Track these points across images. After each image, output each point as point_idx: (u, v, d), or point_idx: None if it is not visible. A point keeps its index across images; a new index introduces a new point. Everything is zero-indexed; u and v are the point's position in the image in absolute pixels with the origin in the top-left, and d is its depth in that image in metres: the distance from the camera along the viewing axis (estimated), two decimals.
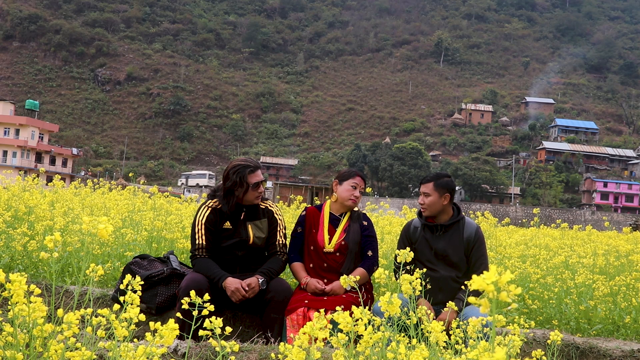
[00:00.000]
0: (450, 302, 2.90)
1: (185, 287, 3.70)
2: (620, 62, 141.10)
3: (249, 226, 4.06)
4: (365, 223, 4.32)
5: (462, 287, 4.02)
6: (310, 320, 3.61)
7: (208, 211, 4.05)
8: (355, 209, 4.35)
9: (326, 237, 4.21)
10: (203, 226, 4.01)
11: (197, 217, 4.05)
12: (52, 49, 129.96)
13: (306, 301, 3.89)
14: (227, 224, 4.04)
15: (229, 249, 4.04)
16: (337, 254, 4.18)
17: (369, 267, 4.16)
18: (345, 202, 4.27)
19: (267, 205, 4.21)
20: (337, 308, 2.05)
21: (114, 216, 6.34)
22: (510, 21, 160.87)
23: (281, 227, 4.18)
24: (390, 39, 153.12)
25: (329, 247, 4.18)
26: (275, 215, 4.18)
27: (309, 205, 4.55)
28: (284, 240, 4.18)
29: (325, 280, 4.09)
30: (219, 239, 4.05)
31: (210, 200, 4.12)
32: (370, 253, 4.22)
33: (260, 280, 3.89)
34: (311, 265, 4.19)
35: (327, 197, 4.54)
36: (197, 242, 3.98)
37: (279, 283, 3.97)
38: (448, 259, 4.09)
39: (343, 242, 4.19)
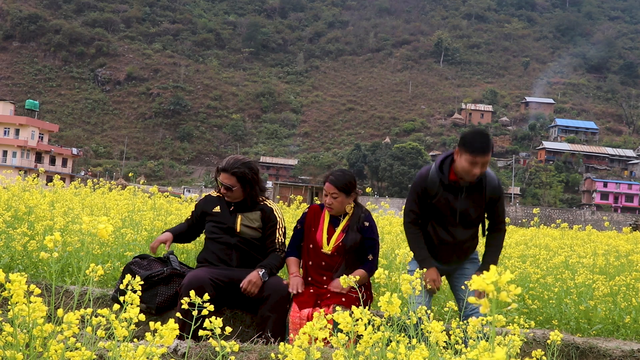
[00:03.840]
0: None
1: (187, 285, 3.75)
2: (620, 62, 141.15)
3: (239, 216, 4.18)
4: (366, 224, 4.17)
5: (473, 244, 4.04)
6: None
7: (203, 196, 4.54)
8: (349, 210, 4.20)
9: (324, 237, 4.17)
10: (197, 201, 4.52)
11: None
12: (52, 49, 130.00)
13: (318, 301, 3.93)
14: (217, 208, 4.26)
15: (219, 237, 4.16)
16: (336, 253, 4.15)
17: (369, 269, 4.08)
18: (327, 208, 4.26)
19: (266, 203, 4.27)
20: (338, 308, 2.05)
21: (114, 216, 6.34)
22: (510, 21, 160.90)
23: (280, 226, 4.21)
24: (390, 39, 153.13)
25: (327, 249, 4.13)
26: (275, 212, 4.22)
27: (314, 203, 4.53)
28: (283, 239, 4.22)
29: (325, 278, 4.10)
30: (210, 221, 4.28)
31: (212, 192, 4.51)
32: (370, 257, 4.11)
33: (261, 273, 3.93)
34: (310, 262, 4.19)
35: (316, 197, 4.56)
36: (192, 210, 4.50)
37: (276, 282, 3.98)
38: (468, 218, 3.90)
39: (341, 244, 4.12)
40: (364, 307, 1.95)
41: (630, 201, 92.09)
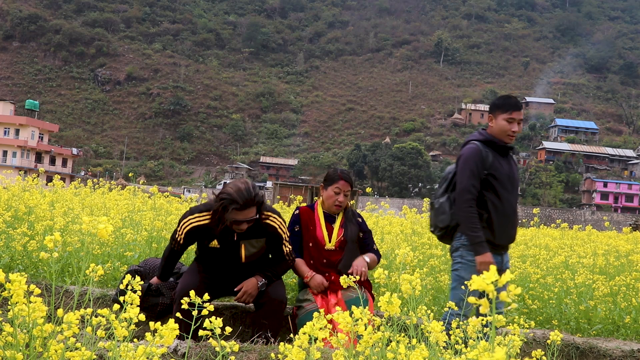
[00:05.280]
0: None
1: (180, 290, 3.69)
2: (620, 62, 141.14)
3: (242, 245, 3.83)
4: (360, 220, 4.42)
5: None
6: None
7: (191, 226, 3.77)
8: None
9: (325, 234, 4.26)
10: (184, 234, 3.80)
11: (182, 222, 3.82)
12: (52, 49, 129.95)
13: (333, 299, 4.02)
14: (214, 243, 3.80)
15: (221, 268, 3.89)
16: (338, 248, 4.26)
17: (377, 255, 4.34)
18: (330, 209, 4.28)
19: (270, 222, 3.84)
20: (338, 308, 2.05)
21: (114, 216, 6.34)
22: (510, 21, 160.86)
23: (285, 238, 3.98)
24: (390, 39, 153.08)
25: (330, 245, 4.24)
26: (278, 231, 3.87)
27: (301, 205, 4.56)
28: (289, 248, 3.98)
29: (327, 274, 4.15)
30: (207, 255, 3.88)
31: (198, 215, 3.79)
32: (375, 247, 4.38)
33: (260, 283, 3.84)
34: (311, 261, 4.24)
35: (316, 197, 4.59)
36: (177, 238, 3.83)
37: (272, 289, 3.88)
38: (517, 183, 3.90)
39: (343, 239, 4.26)
40: (365, 307, 1.95)
41: (630, 201, 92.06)
